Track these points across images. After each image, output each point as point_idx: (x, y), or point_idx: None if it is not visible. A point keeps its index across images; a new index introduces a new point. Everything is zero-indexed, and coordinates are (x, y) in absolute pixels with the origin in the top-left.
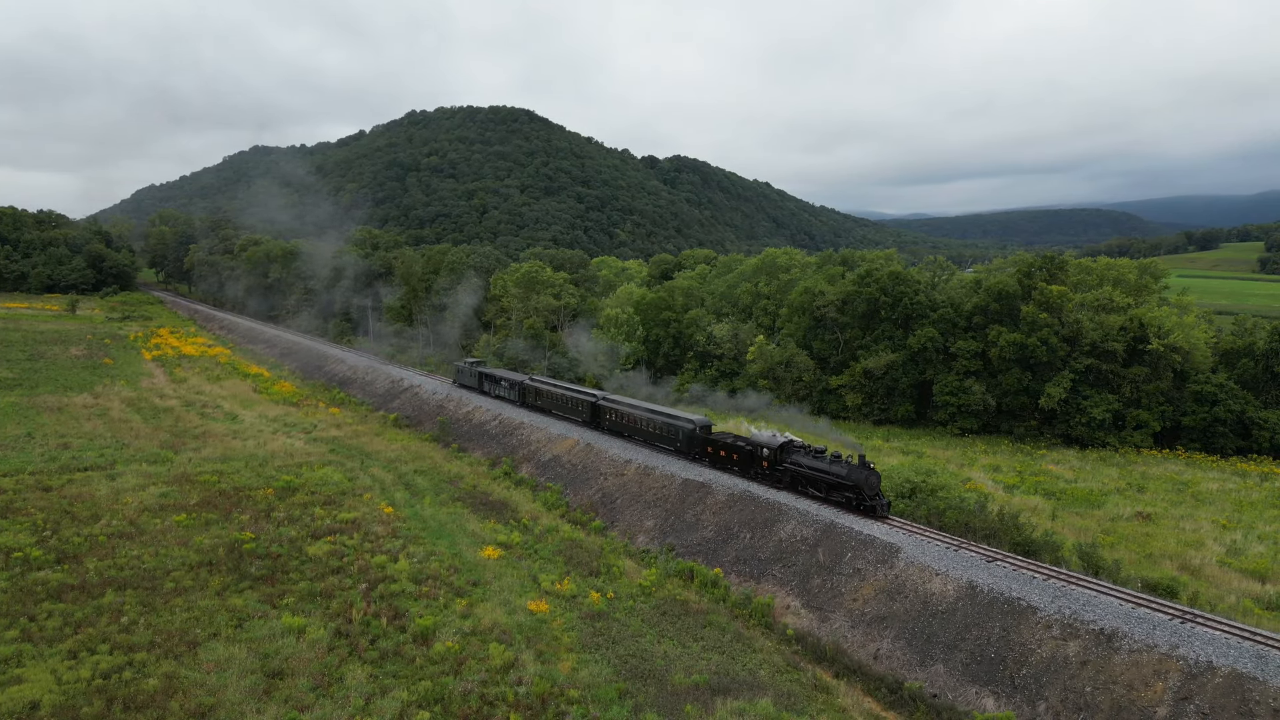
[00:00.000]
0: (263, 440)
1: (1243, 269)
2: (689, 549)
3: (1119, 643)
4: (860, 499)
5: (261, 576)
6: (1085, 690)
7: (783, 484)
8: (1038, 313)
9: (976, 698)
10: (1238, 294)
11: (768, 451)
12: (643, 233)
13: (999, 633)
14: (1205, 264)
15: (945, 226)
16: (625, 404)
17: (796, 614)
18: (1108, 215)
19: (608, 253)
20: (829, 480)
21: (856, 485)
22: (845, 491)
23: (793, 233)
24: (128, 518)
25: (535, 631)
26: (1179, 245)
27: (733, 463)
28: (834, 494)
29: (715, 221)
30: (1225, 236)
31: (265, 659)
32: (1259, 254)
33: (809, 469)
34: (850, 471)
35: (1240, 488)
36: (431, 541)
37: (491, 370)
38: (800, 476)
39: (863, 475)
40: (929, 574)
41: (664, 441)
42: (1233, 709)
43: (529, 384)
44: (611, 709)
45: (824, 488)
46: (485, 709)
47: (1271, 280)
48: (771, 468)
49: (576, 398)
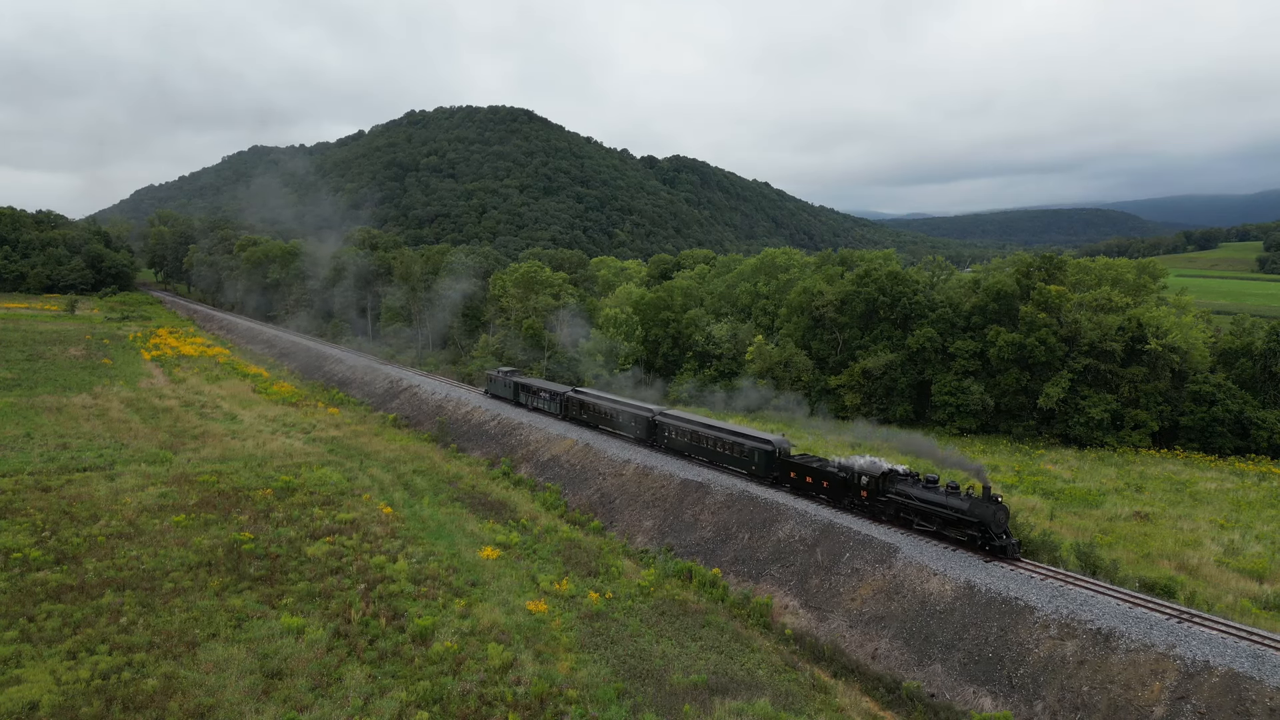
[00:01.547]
0: (261, 440)
1: (1242, 269)
2: (687, 549)
3: (1116, 642)
4: (986, 537)
5: (260, 577)
6: (1082, 690)
7: (884, 518)
8: (1036, 313)
9: (974, 697)
10: (1237, 294)
11: (867, 480)
12: (642, 233)
13: (996, 632)
14: (1204, 264)
15: (944, 226)
16: (688, 421)
17: (795, 614)
18: (1107, 215)
19: (607, 253)
20: (946, 515)
21: (982, 522)
22: (967, 529)
23: (792, 233)
24: (127, 518)
25: (534, 632)
26: (1178, 245)
27: (821, 490)
28: (951, 531)
29: (714, 221)
30: (1224, 236)
31: (264, 659)
32: (1258, 253)
33: (920, 501)
34: (973, 505)
35: (1238, 487)
36: (430, 542)
37: (529, 380)
38: (907, 510)
39: (989, 510)
40: (927, 574)
41: (735, 464)
42: (1229, 709)
43: (573, 396)
44: (610, 709)
45: (938, 523)
46: (484, 709)
47: (1271, 280)
48: (871, 499)
49: (629, 412)
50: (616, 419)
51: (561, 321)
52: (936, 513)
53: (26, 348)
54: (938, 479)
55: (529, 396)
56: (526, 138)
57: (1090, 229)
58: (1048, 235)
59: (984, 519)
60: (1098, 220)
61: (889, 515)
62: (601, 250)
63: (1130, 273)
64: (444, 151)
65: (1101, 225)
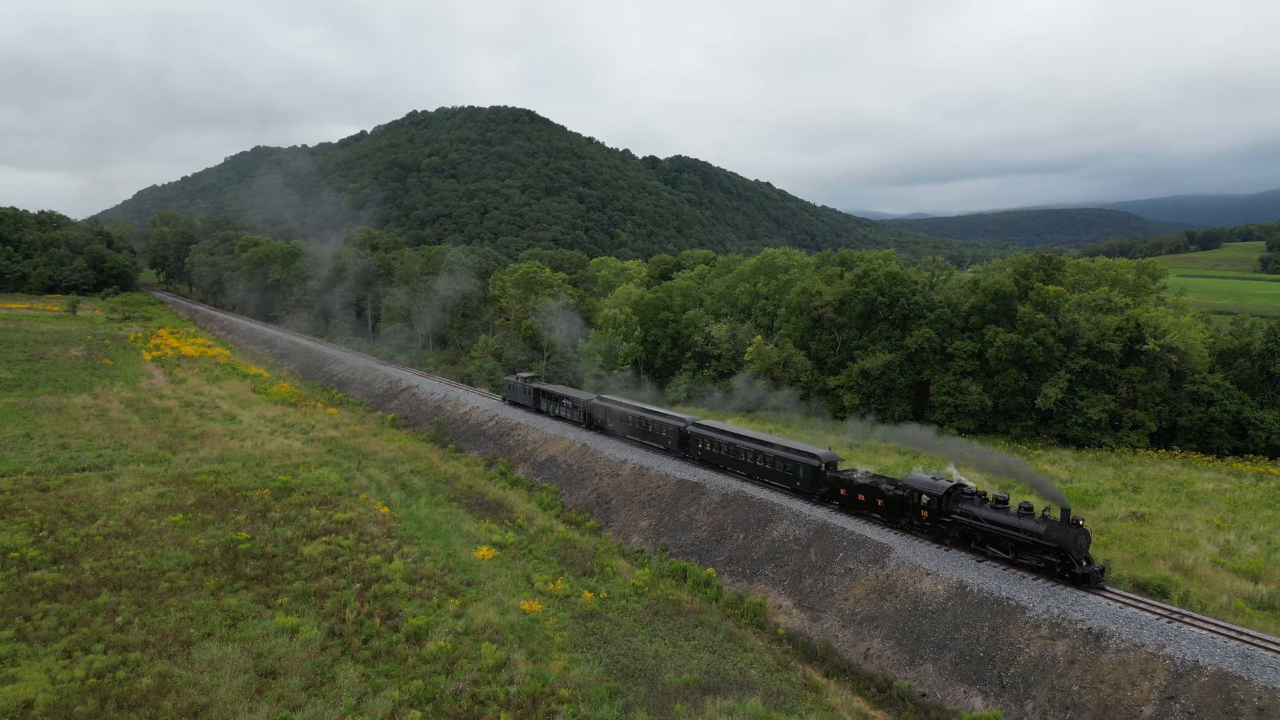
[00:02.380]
0: (260, 441)
1: (1244, 269)
2: (682, 549)
3: (1107, 642)
4: (1065, 564)
5: (256, 576)
6: (1072, 689)
7: (948, 540)
8: (1034, 313)
9: (965, 697)
10: (1238, 294)
11: (928, 499)
12: (643, 233)
13: (988, 632)
14: (1206, 264)
15: (946, 226)
16: (724, 431)
17: (788, 614)
18: (1109, 215)
19: (608, 253)
20: (1019, 539)
21: (1061, 547)
22: (1045, 554)
23: (794, 233)
24: (124, 518)
25: (528, 631)
26: (1180, 245)
27: (875, 509)
28: (1025, 555)
29: (716, 221)
30: (1226, 236)
31: (258, 658)
32: (1260, 254)
33: (989, 523)
34: (1051, 529)
35: (1235, 488)
36: (426, 542)
37: (550, 387)
38: (974, 532)
39: (1069, 535)
40: (920, 574)
41: (777, 479)
42: (1218, 708)
43: (598, 404)
44: (602, 708)
45: (1010, 548)
46: (476, 708)
47: (1273, 280)
48: (933, 520)
49: (659, 422)
50: (645, 429)
51: (560, 322)
52: (1008, 537)
53: (28, 348)
54: (1007, 498)
55: (550, 404)
56: (528, 138)
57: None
58: (1050, 235)
59: (1064, 544)
60: (1100, 220)
61: (953, 539)
62: (603, 250)
63: (1130, 273)
64: (446, 152)
65: (1104, 225)
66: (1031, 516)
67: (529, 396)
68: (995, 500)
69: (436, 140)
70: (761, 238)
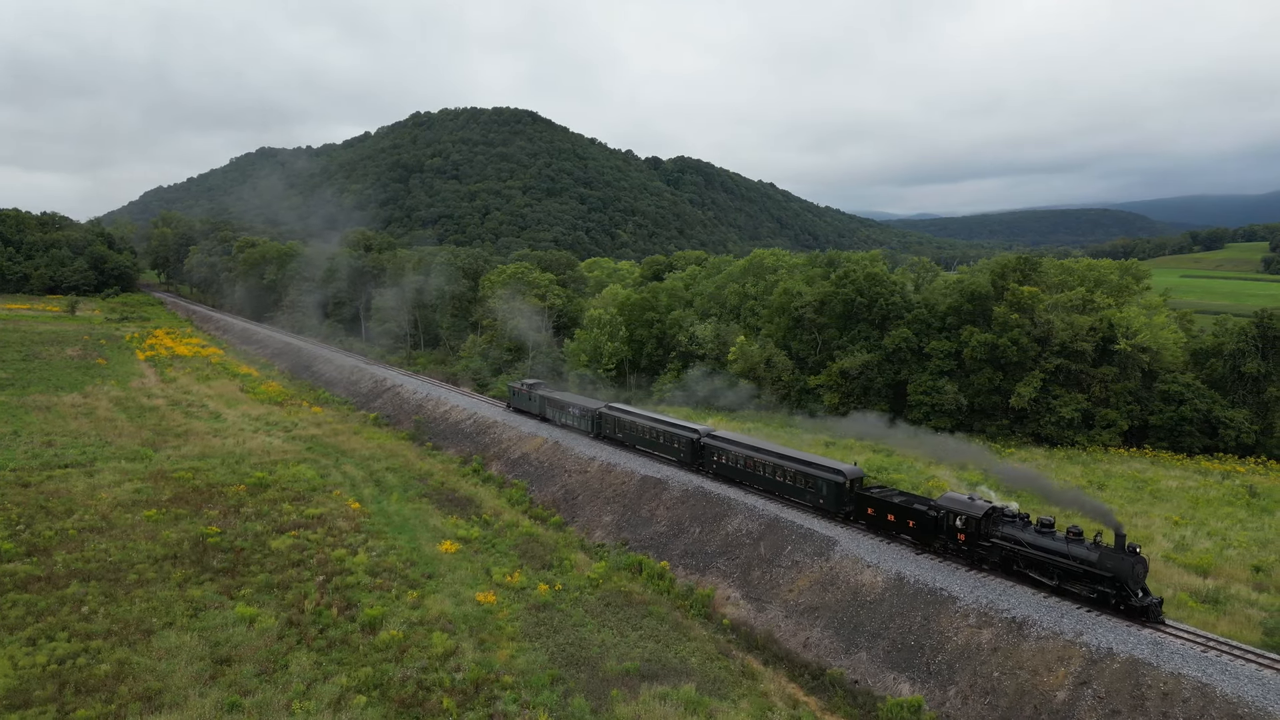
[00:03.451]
0: (242, 439)
1: (1247, 269)
2: (642, 543)
3: (1029, 630)
4: (1121, 595)
5: (223, 569)
6: (993, 675)
7: (986, 567)
8: (1009, 313)
9: (894, 683)
10: (1239, 294)
11: (963, 521)
12: (644, 233)
13: (920, 621)
14: (1209, 264)
15: (952, 227)
16: (741, 444)
17: (736, 604)
18: (1116, 215)
19: (609, 254)
20: (1069, 567)
21: (1117, 577)
22: (1098, 584)
23: (796, 233)
24: (100, 513)
25: (480, 622)
26: (1184, 245)
27: (905, 530)
28: (1073, 584)
29: (718, 222)
30: (1230, 237)
31: (215, 646)
32: (1263, 254)
33: (1033, 549)
34: (1105, 557)
35: (1200, 485)
36: (393, 536)
37: (556, 394)
38: (1016, 559)
39: (1126, 564)
40: (861, 566)
41: (798, 496)
42: (1126, 693)
43: (606, 413)
44: (542, 694)
45: (1057, 575)
46: (421, 694)
47: (1274, 280)
48: (970, 544)
49: (671, 432)
50: (656, 439)
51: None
52: (1057, 564)
53: (24, 348)
54: (1053, 522)
55: (556, 412)
56: (530, 139)
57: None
58: (1056, 235)
59: (1120, 574)
60: (1106, 220)
61: (993, 564)
62: (604, 251)
63: (1113, 274)
64: (448, 153)
65: (1110, 225)
66: (1082, 542)
67: (535, 404)
68: (1040, 524)
69: (439, 141)
70: (764, 238)
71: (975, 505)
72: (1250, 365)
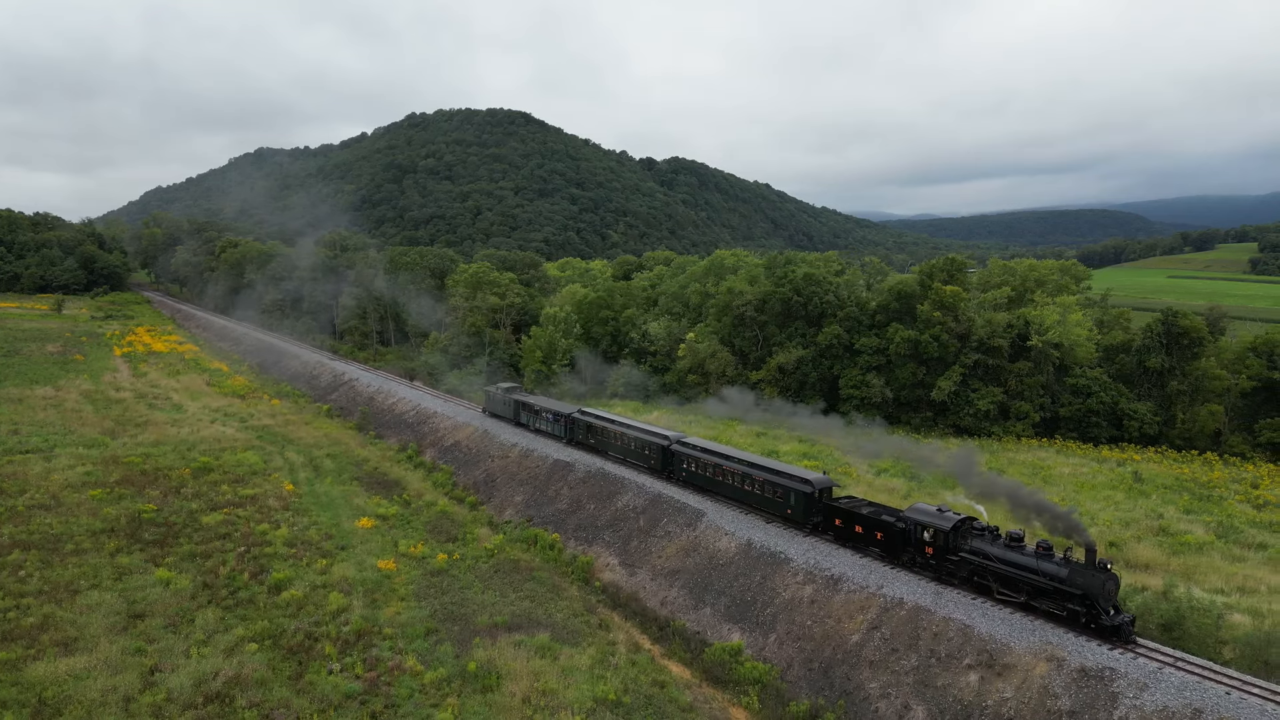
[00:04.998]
0: (198, 428)
1: (1234, 270)
2: (544, 519)
3: (842, 585)
4: (1091, 613)
5: (153, 541)
6: (806, 624)
7: (955, 581)
8: (931, 311)
9: (727, 633)
10: (1218, 294)
11: (931, 534)
12: (636, 234)
13: (759, 580)
14: (1198, 265)
15: (951, 227)
16: (711, 451)
17: (613, 570)
18: (1114, 216)
19: (601, 254)
20: (1038, 583)
21: (1087, 594)
22: (1067, 601)
23: (791, 234)
24: (50, 493)
25: (376, 585)
26: (1175, 246)
27: (874, 543)
28: (1043, 602)
29: (711, 223)
30: (1222, 238)
31: (132, 604)
32: (1252, 255)
33: (1002, 564)
34: (1075, 573)
35: (1093, 471)
36: (318, 514)
37: (531, 399)
38: (985, 574)
39: (1096, 580)
40: (720, 534)
41: (766, 506)
42: (906, 634)
43: (579, 418)
44: (415, 642)
45: (1026, 591)
46: (308, 643)
47: (1259, 281)
48: (938, 558)
49: (642, 439)
50: (628, 446)
51: (506, 317)
52: (1025, 580)
53: (6, 344)
54: (1022, 535)
55: (530, 416)
56: (523, 140)
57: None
58: (1054, 236)
59: (1090, 591)
60: (1104, 221)
61: (962, 578)
62: (595, 251)
63: (1053, 274)
64: (442, 154)
65: (1108, 226)
66: (1051, 557)
67: (509, 409)
68: (1009, 537)
69: (433, 142)
70: (758, 239)
71: (944, 517)
72: (1154, 361)
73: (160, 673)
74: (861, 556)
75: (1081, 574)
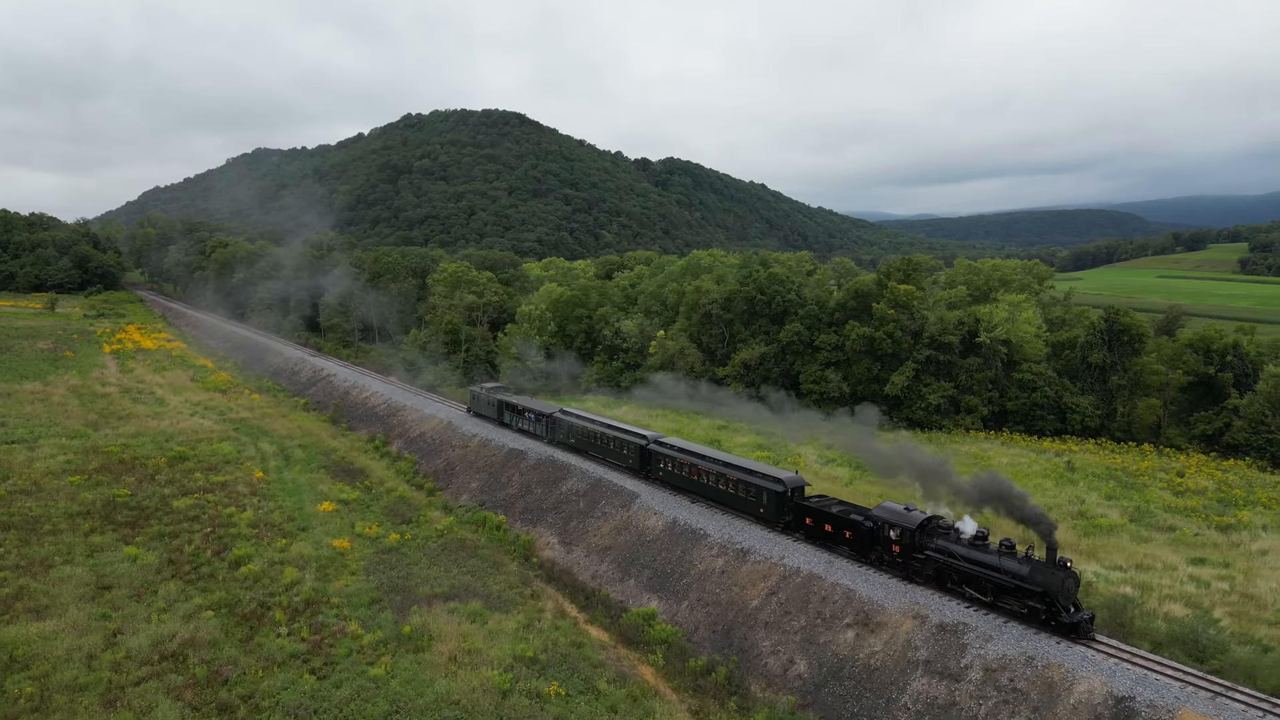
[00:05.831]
0: (177, 421)
1: (1224, 269)
2: (496, 503)
3: (750, 557)
4: (1051, 611)
5: (126, 522)
6: (715, 591)
7: (922, 579)
8: (886, 309)
9: (646, 601)
10: (1205, 294)
11: (898, 533)
12: (629, 234)
13: (679, 554)
14: (1189, 264)
15: (948, 227)
16: (688, 451)
17: (553, 548)
18: (1112, 215)
19: (594, 253)
20: (1000, 581)
21: (1047, 591)
22: (1027, 599)
23: (786, 234)
24: (32, 479)
25: (330, 561)
26: (1167, 246)
27: (843, 541)
28: (1005, 599)
29: (706, 223)
30: (1214, 237)
31: (100, 577)
32: (1242, 255)
33: (966, 562)
34: (1035, 571)
35: (1030, 461)
36: (283, 499)
37: (513, 399)
38: (950, 572)
39: (1055, 578)
40: (650, 513)
41: (740, 506)
42: (799, 599)
43: (561, 418)
44: (359, 610)
45: (990, 590)
46: (261, 610)
47: (1246, 281)
48: (905, 556)
49: (621, 438)
50: (607, 445)
51: (484, 315)
52: (988, 578)
53: None
54: (987, 534)
55: (514, 416)
56: (518, 140)
57: (1093, 230)
58: (1051, 236)
59: (1050, 589)
60: (1101, 221)
61: (927, 576)
62: (588, 251)
63: (1016, 275)
64: (436, 154)
65: (1105, 226)
66: (1014, 556)
67: (493, 409)
68: (975, 536)
69: (428, 143)
70: (752, 239)
71: (910, 516)
72: (1096, 356)
73: (122, 635)
74: (767, 531)
75: (1042, 572)
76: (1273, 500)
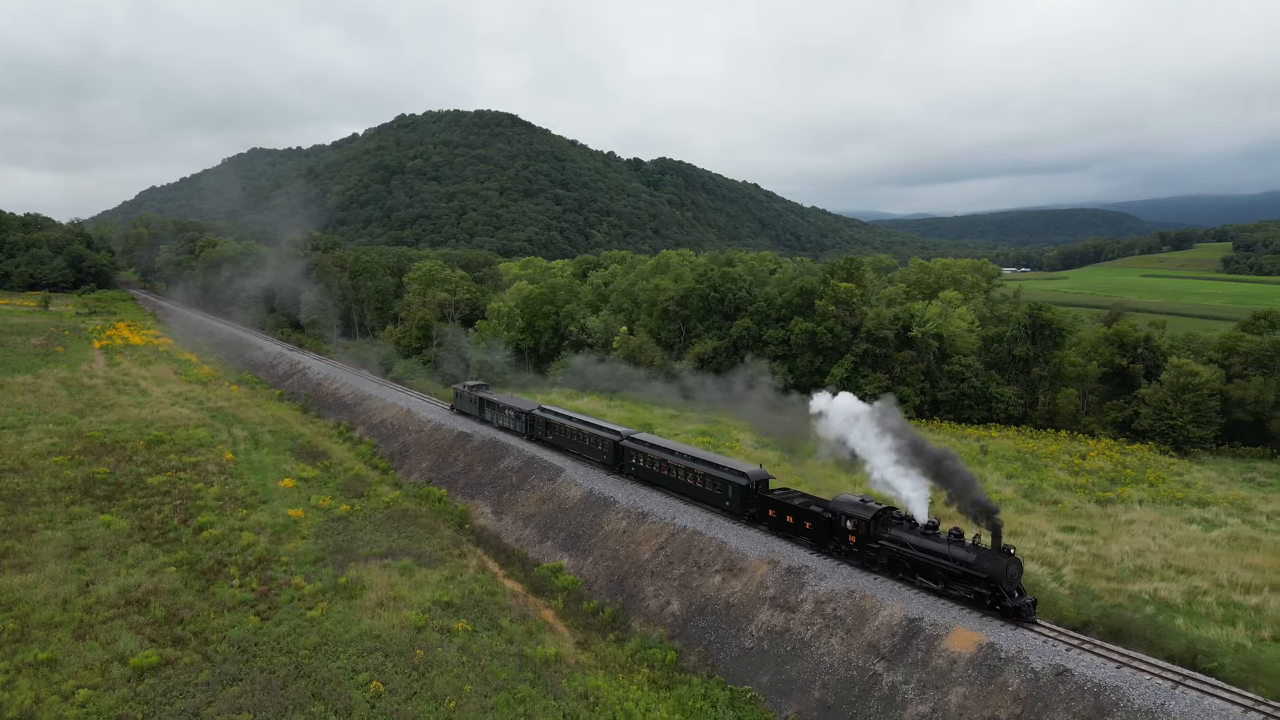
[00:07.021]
0: (158, 409)
1: (1208, 269)
2: (442, 480)
3: (648, 519)
4: (996, 596)
5: (103, 496)
6: (615, 548)
7: (877, 567)
8: (828, 306)
9: (559, 558)
10: (1184, 293)
11: (854, 524)
12: (619, 234)
13: (591, 519)
14: (1173, 264)
15: (943, 227)
16: (658, 446)
17: (485, 517)
18: (1106, 215)
19: (583, 253)
20: (949, 568)
21: (991, 577)
22: (974, 585)
23: (778, 233)
24: (20, 460)
25: (285, 528)
26: (1154, 245)
27: (803, 532)
28: (955, 586)
29: (697, 223)
30: (1200, 237)
31: (77, 539)
32: (1225, 254)
33: (918, 550)
34: (981, 558)
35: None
36: (249, 477)
37: (494, 396)
38: (903, 559)
39: (1000, 565)
40: (572, 485)
41: (707, 500)
42: (681, 552)
43: (539, 415)
44: (305, 567)
45: (939, 577)
46: (218, 567)
47: (1227, 280)
48: (861, 545)
49: (595, 435)
50: (582, 441)
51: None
52: (938, 565)
53: None
54: (937, 523)
55: (494, 413)
56: (510, 141)
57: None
58: (1045, 235)
59: (994, 574)
60: (1096, 220)
61: (882, 565)
62: (578, 250)
63: (967, 274)
64: (429, 155)
65: (1100, 225)
66: (962, 544)
67: (475, 406)
68: (926, 526)
69: (421, 143)
70: (744, 238)
71: (865, 507)
72: (1020, 349)
73: (93, 585)
74: (666, 495)
75: (988, 558)
76: (1159, 479)
